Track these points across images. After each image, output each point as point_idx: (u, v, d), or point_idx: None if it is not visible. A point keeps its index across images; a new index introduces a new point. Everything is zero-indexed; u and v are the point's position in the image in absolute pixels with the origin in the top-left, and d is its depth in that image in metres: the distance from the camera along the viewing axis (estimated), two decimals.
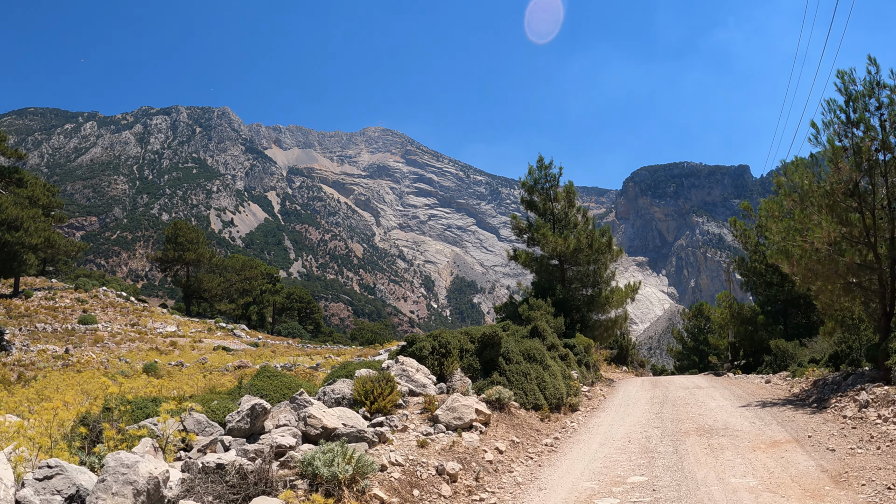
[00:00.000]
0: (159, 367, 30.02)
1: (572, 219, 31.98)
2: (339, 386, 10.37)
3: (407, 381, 11.38)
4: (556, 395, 15.02)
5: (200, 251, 73.96)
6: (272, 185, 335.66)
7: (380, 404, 9.62)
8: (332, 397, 10.17)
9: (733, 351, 40.79)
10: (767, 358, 29.51)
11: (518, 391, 13.27)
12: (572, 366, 20.26)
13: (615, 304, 31.26)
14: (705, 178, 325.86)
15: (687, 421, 13.76)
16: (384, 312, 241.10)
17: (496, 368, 13.64)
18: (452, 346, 12.83)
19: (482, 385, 12.98)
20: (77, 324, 45.15)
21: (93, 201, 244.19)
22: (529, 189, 32.89)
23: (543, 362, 15.16)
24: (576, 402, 16.48)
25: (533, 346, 15.41)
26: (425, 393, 11.35)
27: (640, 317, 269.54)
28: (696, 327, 60.58)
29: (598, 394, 20.84)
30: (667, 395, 19.37)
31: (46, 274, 73.68)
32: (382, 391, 9.62)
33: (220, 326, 58.97)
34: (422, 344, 12.56)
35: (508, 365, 13.80)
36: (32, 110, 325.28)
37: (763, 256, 34.99)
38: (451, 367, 12.68)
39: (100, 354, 35.94)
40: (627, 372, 44.96)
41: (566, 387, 15.92)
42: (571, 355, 20.98)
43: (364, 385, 9.83)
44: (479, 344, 13.87)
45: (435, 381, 12.17)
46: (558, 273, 31.97)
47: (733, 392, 19.18)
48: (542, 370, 14.80)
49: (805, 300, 33.58)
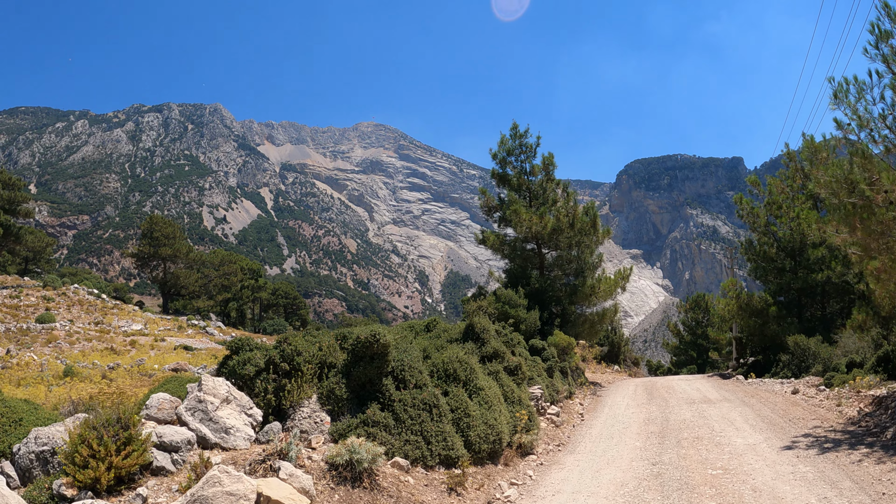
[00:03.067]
0: (82, 371, 26.69)
1: (551, 195, 27.18)
2: (51, 432, 5.70)
3: (201, 422, 6.65)
4: (489, 435, 10.32)
5: (177, 246, 71.65)
6: (265, 181, 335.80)
7: (98, 473, 4.96)
8: (33, 451, 5.53)
9: (739, 347, 36.05)
10: (784, 357, 24.75)
11: (411, 437, 8.63)
12: (537, 379, 15.51)
13: (602, 295, 26.45)
14: (699, 171, 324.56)
15: (704, 487, 8.69)
16: (378, 308, 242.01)
17: (378, 396, 8.85)
18: (305, 358, 8.05)
19: (348, 426, 8.22)
20: (34, 322, 42.29)
21: (85, 200, 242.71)
22: (502, 161, 28.18)
23: (472, 383, 10.49)
24: (529, 440, 11.65)
25: (454, 358, 10.60)
26: (226, 445, 6.65)
27: (634, 309, 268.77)
28: (693, 320, 56.97)
29: (572, 414, 16.12)
30: (667, 416, 14.62)
31: (30, 273, 71.42)
32: (108, 451, 4.96)
33: (193, 324, 56.17)
34: (247, 356, 7.83)
35: (401, 391, 8.99)
36: (24, 109, 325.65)
37: (774, 238, 30.30)
38: (297, 394, 7.84)
39: (44, 355, 33.27)
40: (619, 372, 40.38)
41: (512, 418, 11.26)
42: (538, 363, 16.26)
43: (83, 437, 5.17)
44: (349, 355, 8.89)
45: (260, 420, 7.38)
46: (536, 259, 27.28)
47: (758, 412, 14.49)
48: (467, 397, 10.13)
49: (823, 289, 28.92)
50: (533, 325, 22.10)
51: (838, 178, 10.86)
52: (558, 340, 21.33)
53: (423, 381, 9.16)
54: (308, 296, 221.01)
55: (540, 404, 14.64)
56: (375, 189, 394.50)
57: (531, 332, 22.09)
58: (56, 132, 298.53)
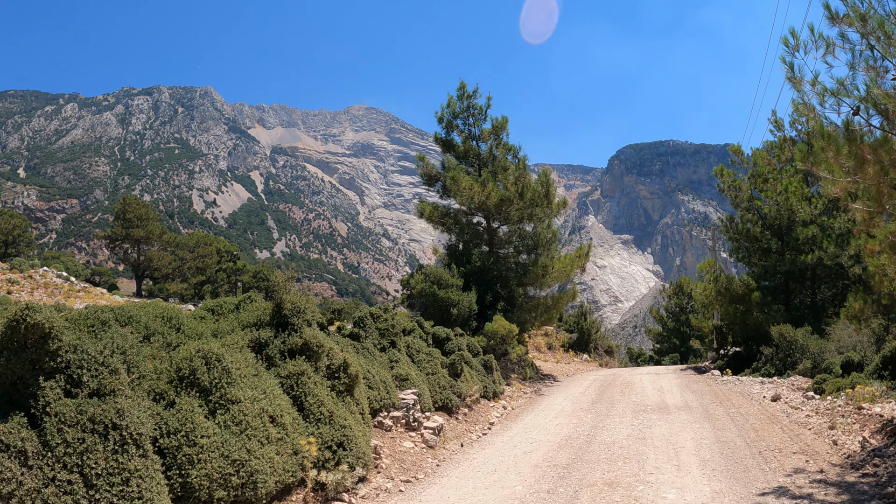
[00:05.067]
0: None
1: (502, 162, 23.39)
2: None
3: None
4: (231, 478, 6.52)
5: (150, 228, 68.88)
6: (255, 164, 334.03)
7: None
8: None
9: (719, 336, 32.48)
10: (767, 351, 21.10)
11: (62, 477, 5.00)
12: (416, 379, 11.75)
13: (557, 276, 22.72)
14: (691, 157, 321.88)
15: None
16: (368, 292, 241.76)
17: (30, 405, 5.19)
18: None
19: None
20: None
21: (73, 183, 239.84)
22: (448, 125, 24.52)
23: (218, 393, 6.57)
24: (337, 479, 7.73)
25: (195, 353, 6.85)
26: None
27: (625, 295, 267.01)
28: (676, 306, 53.89)
29: (474, 425, 12.47)
30: (595, 434, 11.02)
31: (8, 258, 68.82)
32: None
33: None
34: None
35: (68, 400, 5.42)
36: (12, 93, 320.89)
37: (759, 215, 26.66)
38: None
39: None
40: (588, 362, 36.83)
41: (297, 448, 7.36)
42: (434, 358, 12.55)
43: None
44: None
45: None
46: (486, 234, 23.61)
47: (720, 433, 10.77)
48: (203, 415, 6.18)
49: (813, 272, 25.32)
50: (467, 308, 18.56)
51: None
52: (496, 328, 17.78)
53: (111, 387, 5.50)
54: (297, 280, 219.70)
55: (411, 416, 11.06)
56: (367, 172, 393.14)
57: (466, 318, 18.58)
58: (45, 116, 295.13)
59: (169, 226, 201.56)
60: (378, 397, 10.25)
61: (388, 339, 12.09)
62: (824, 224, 24.44)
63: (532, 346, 36.31)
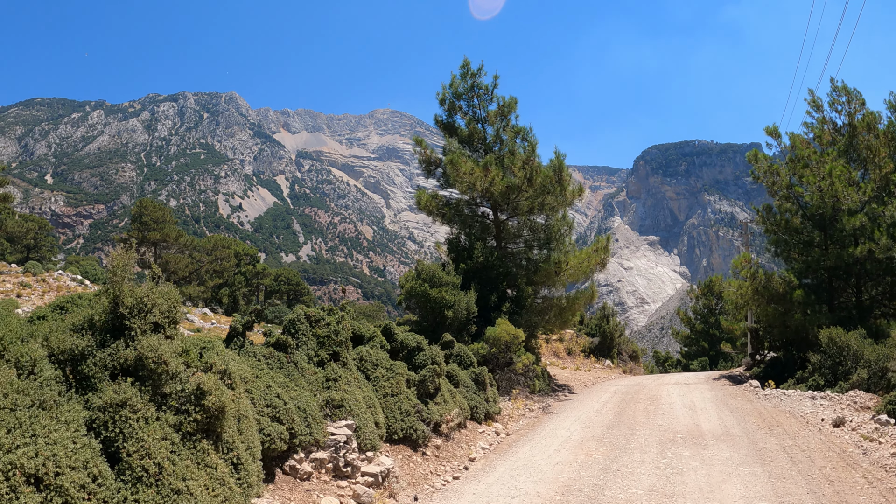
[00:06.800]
0: None
1: (510, 147, 20.86)
2: None
3: None
4: None
5: (166, 231, 67.35)
6: (281, 168, 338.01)
7: None
8: None
9: (755, 340, 29.60)
10: (815, 358, 18.19)
11: None
12: (354, 408, 8.99)
13: (572, 274, 20.05)
14: (717, 157, 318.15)
15: None
16: (394, 294, 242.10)
17: None
18: None
19: None
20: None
21: (100, 189, 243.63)
22: (450, 107, 22.07)
23: None
24: None
25: None
26: None
27: (651, 297, 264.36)
28: (705, 307, 51.55)
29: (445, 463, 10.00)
30: (606, 480, 8.47)
31: (31, 262, 69.32)
32: None
33: None
34: None
35: None
36: (39, 101, 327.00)
37: (799, 204, 23.79)
38: None
39: None
40: (611, 368, 34.10)
41: None
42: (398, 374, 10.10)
43: None
44: None
45: None
46: (492, 227, 21.17)
47: (779, 476, 8.11)
48: None
49: (862, 267, 22.37)
50: (464, 310, 16.13)
51: None
52: (498, 333, 15.35)
53: None
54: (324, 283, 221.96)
55: (342, 458, 8.32)
56: (392, 176, 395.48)
57: (463, 321, 16.18)
58: (72, 123, 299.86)
59: (195, 230, 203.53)
60: (285, 434, 7.70)
61: (328, 351, 9.57)
62: (874, 212, 21.57)
63: (549, 352, 33.79)
